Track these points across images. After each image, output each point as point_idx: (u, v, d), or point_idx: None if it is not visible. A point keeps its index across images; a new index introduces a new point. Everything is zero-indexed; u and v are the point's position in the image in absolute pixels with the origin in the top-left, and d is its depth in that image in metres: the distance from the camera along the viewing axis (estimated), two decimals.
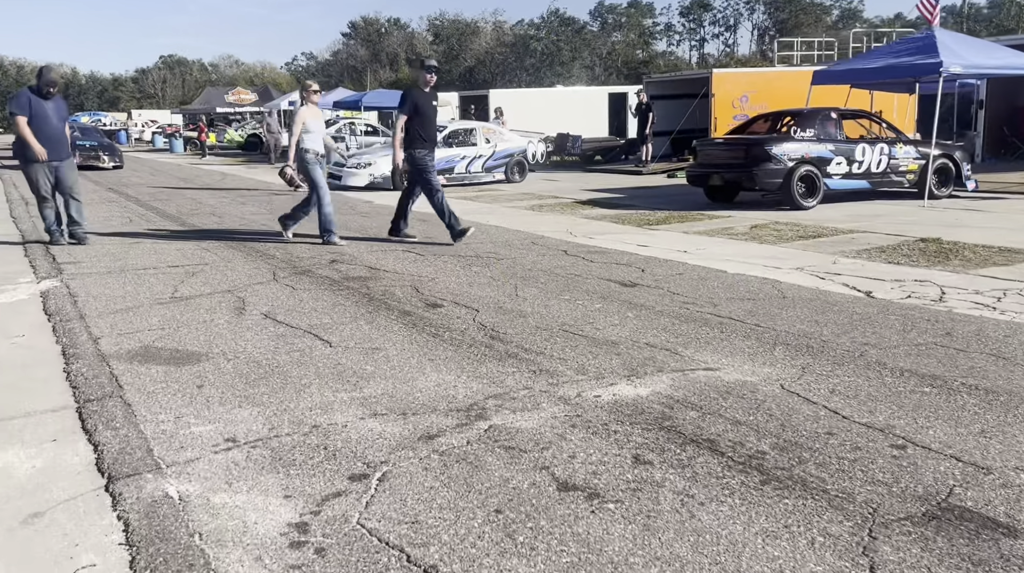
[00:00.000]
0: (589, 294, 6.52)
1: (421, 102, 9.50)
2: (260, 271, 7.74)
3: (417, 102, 9.46)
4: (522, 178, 19.26)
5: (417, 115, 9.40)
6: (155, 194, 16.49)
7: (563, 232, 10.60)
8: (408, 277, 7.35)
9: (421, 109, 9.46)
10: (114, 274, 7.65)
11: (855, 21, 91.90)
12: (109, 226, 11.35)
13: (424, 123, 9.51)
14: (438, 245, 9.35)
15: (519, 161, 19.36)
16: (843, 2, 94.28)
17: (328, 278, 7.36)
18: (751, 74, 22.81)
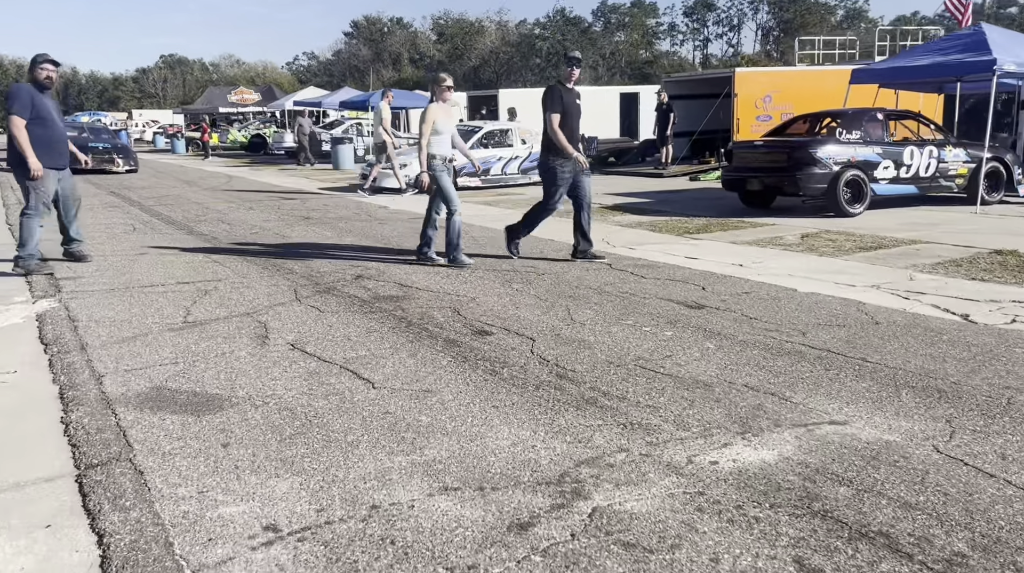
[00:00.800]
0: (653, 318, 5.79)
1: (567, 100, 8.07)
2: (279, 289, 7.01)
3: (563, 99, 8.05)
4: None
5: (563, 116, 8.05)
6: (159, 198, 15.76)
7: (599, 242, 9.84)
8: (445, 297, 6.62)
9: (567, 108, 8.06)
10: (118, 292, 6.92)
11: (860, 21, 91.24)
12: (112, 235, 10.62)
13: (568, 125, 8.12)
14: (471, 258, 8.62)
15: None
16: (848, 2, 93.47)
17: (356, 298, 6.63)
18: (775, 73, 22.08)
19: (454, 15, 74.78)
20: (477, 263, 8.23)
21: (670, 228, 10.95)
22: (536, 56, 62.74)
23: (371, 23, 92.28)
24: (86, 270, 8.01)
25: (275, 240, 10.03)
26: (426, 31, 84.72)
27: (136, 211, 13.57)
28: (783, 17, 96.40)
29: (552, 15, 66.76)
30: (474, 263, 8.13)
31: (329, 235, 10.53)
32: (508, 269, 7.88)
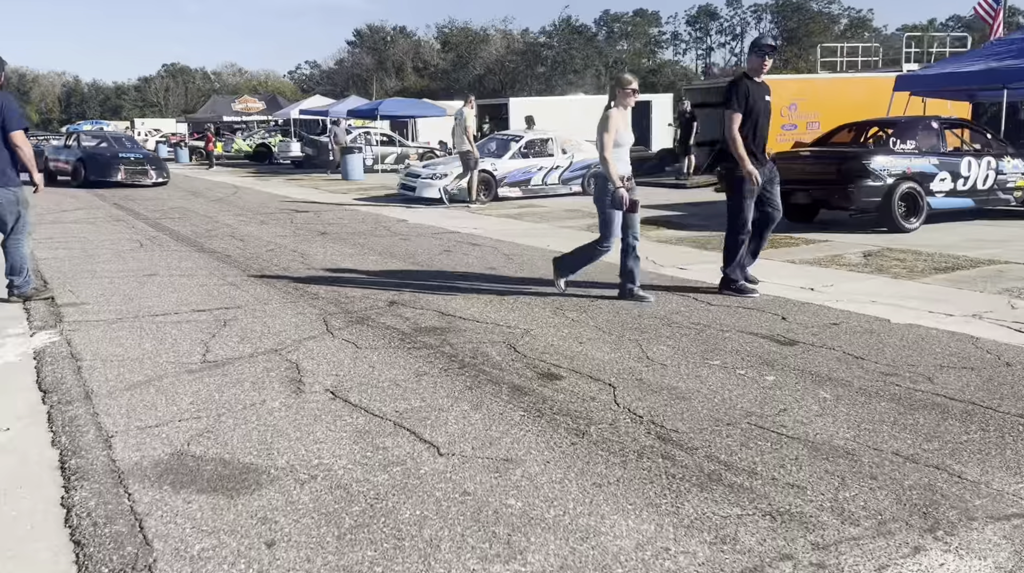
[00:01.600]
0: (743, 357, 5.03)
1: (754, 96, 6.81)
2: (307, 318, 6.26)
3: (750, 95, 6.79)
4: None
5: (749, 116, 6.80)
6: (165, 211, 15.02)
7: (644, 260, 9.11)
8: (494, 329, 5.86)
9: (753, 107, 6.80)
10: (127, 322, 6.16)
11: (863, 30, 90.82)
12: (118, 253, 9.87)
13: (755, 126, 6.85)
14: (510, 281, 7.87)
15: (596, 172, 17.99)
16: (852, 11, 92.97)
17: (395, 329, 5.87)
18: (800, 81, 21.39)
19: (459, 23, 74.27)
20: (518, 286, 7.48)
21: (715, 245, 10.18)
22: (541, 65, 62.12)
23: (374, 32, 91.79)
24: (91, 294, 7.26)
25: (293, 259, 9.28)
26: (430, 39, 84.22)
27: (142, 225, 12.83)
28: (786, 26, 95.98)
29: (558, 24, 66.14)
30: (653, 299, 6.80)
31: (350, 253, 9.79)
32: (556, 294, 7.13)
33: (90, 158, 21.78)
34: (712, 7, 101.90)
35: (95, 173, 21.18)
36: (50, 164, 23.08)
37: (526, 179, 17.17)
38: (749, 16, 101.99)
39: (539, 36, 68.00)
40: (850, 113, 21.38)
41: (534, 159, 17.40)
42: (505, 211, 14.79)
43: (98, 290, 7.46)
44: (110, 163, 21.41)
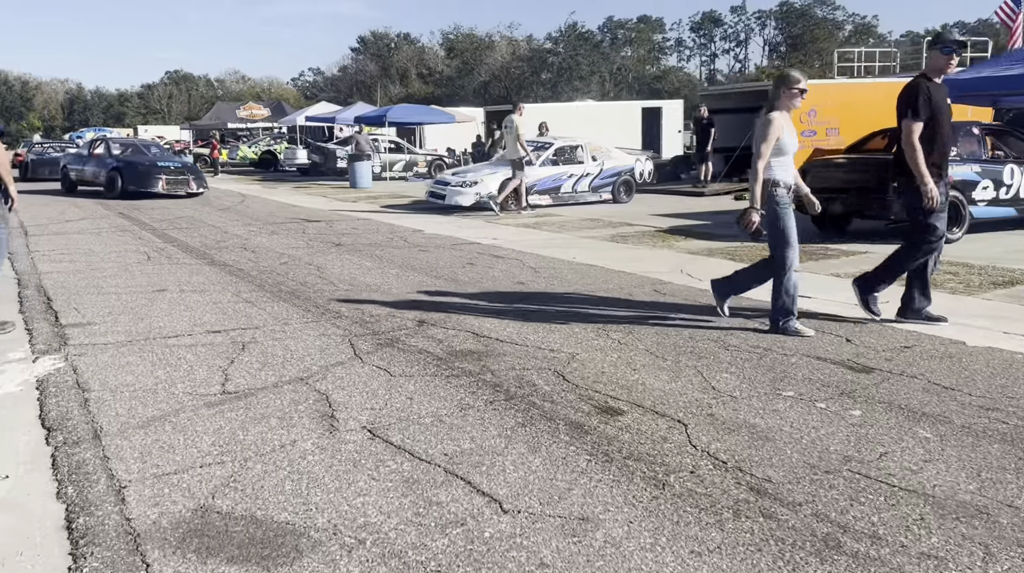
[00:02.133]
0: (817, 387, 4.56)
1: (937, 100, 5.90)
2: (331, 341, 5.79)
3: (932, 99, 5.87)
4: (629, 198, 17.79)
5: (931, 122, 5.88)
6: (172, 221, 14.58)
7: (676, 273, 8.67)
8: (536, 352, 5.39)
9: (936, 112, 5.89)
10: (137, 345, 5.69)
11: (868, 36, 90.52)
12: (125, 266, 9.41)
13: (938, 135, 5.94)
14: (542, 297, 7.40)
15: (626, 180, 17.96)
16: (856, 17, 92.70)
17: (428, 353, 5.40)
18: (819, 86, 20.87)
19: (464, 30, 73.96)
20: (548, 302, 7.01)
21: (750, 256, 9.71)
22: (547, 71, 61.76)
23: (378, 38, 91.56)
24: (97, 311, 6.80)
25: (309, 273, 8.82)
26: (434, 46, 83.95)
27: (148, 236, 12.38)
28: (790, 32, 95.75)
29: (564, 30, 65.78)
30: (813, 335, 5.86)
31: (369, 265, 9.33)
32: (593, 313, 6.66)
33: (128, 167, 19.94)
34: (716, 13, 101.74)
35: (134, 183, 19.52)
36: (71, 174, 21.66)
37: (556, 187, 16.82)
38: (753, 22, 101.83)
39: (544, 42, 67.68)
40: (869, 119, 20.89)
41: (564, 166, 17.05)
42: (523, 220, 14.34)
43: (105, 308, 7.00)
44: (150, 173, 19.74)
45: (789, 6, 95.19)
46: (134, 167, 20.04)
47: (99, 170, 20.47)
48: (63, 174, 22.19)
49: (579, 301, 7.14)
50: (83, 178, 21.25)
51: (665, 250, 10.52)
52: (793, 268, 6.04)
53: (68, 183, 21.84)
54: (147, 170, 19.87)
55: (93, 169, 20.83)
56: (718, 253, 10.04)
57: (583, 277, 8.45)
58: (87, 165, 21.26)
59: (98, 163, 20.75)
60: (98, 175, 20.45)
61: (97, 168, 20.64)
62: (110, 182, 19.84)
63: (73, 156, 23.02)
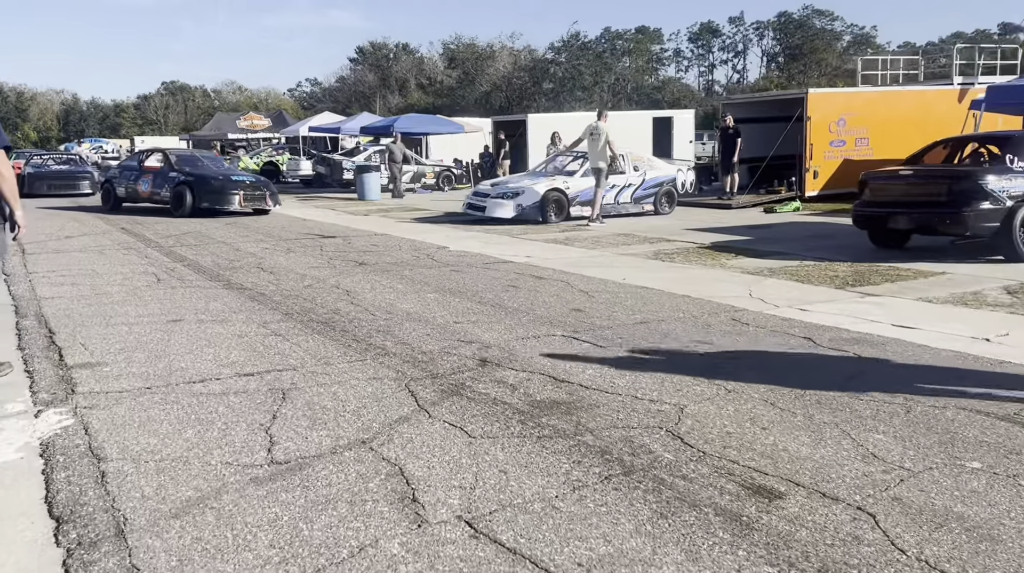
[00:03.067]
0: (1002, 454, 3.72)
1: None
2: (384, 385, 4.93)
3: None
4: (671, 210, 17.15)
5: None
6: (178, 237, 13.70)
7: (746, 297, 7.83)
8: (634, 403, 4.54)
9: None
10: (158, 394, 4.82)
11: (867, 47, 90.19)
12: (133, 290, 8.54)
13: None
14: (609, 328, 6.53)
15: (668, 191, 17.31)
16: (855, 28, 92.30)
17: (505, 405, 4.54)
18: (849, 95, 20.19)
19: (465, 40, 73.28)
20: (628, 338, 6.15)
21: (817, 277, 8.89)
22: (549, 81, 61.07)
23: (376, 49, 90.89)
24: (107, 348, 5.93)
25: (338, 298, 7.96)
26: (433, 56, 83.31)
27: (155, 254, 11.50)
28: (788, 43, 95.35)
29: (567, 39, 65.14)
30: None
31: (402, 289, 8.47)
32: (675, 348, 5.80)
33: (200, 182, 17.40)
34: (714, 24, 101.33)
35: (208, 200, 17.16)
36: (117, 189, 19.05)
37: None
38: (751, 33, 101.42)
39: (547, 52, 67.03)
40: (900, 128, 20.18)
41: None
42: (551, 235, 13.50)
43: (116, 342, 6.12)
44: (224, 188, 17.39)
45: (787, 17, 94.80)
46: (206, 182, 17.52)
47: (159, 185, 17.88)
48: (105, 190, 19.75)
49: (653, 333, 6.29)
50: (135, 195, 18.63)
51: (718, 270, 9.69)
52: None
53: (113, 200, 19.25)
54: (222, 185, 17.54)
55: (150, 184, 18.20)
56: (779, 273, 9.20)
57: (644, 302, 7.61)
58: (140, 180, 18.52)
59: (158, 178, 18.09)
60: (158, 191, 17.92)
61: (156, 183, 18.03)
62: (177, 199, 17.31)
63: (119, 170, 20.28)
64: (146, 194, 18.32)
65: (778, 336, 6.18)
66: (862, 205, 10.77)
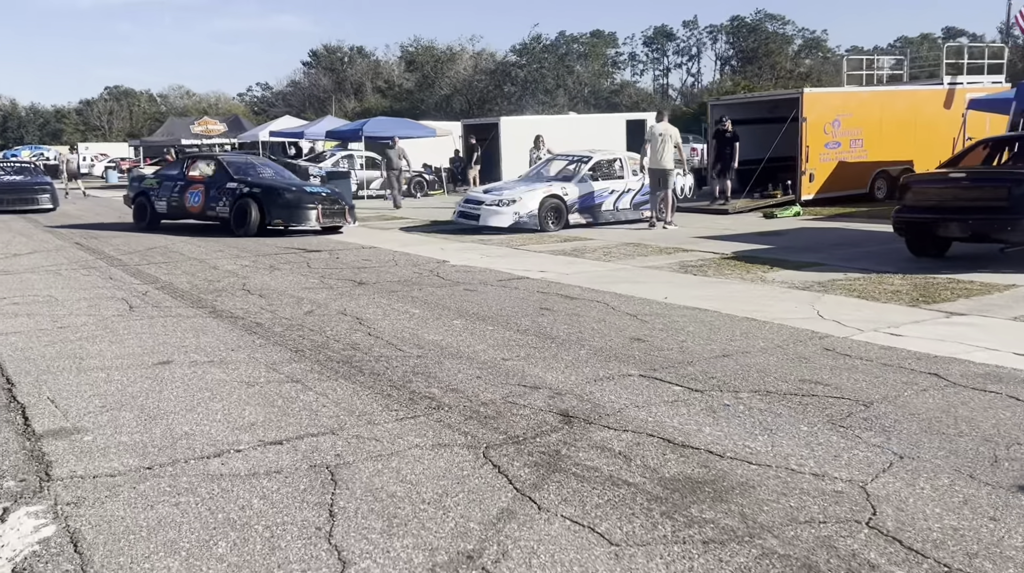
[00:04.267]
0: None
1: None
2: (459, 457, 3.84)
3: None
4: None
5: None
6: (143, 252, 12.35)
7: (814, 318, 6.90)
8: (796, 480, 3.52)
9: None
10: (164, 478, 3.66)
11: (818, 50, 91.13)
12: (103, 321, 7.27)
13: None
14: (688, 363, 5.51)
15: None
16: (806, 31, 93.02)
17: (631, 485, 3.48)
18: (844, 95, 19.50)
19: (424, 42, 71.82)
20: (724, 378, 5.13)
21: (876, 292, 7.99)
22: (511, 84, 59.97)
23: (331, 52, 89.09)
24: (86, 407, 4.72)
25: (350, 327, 6.81)
26: (390, 59, 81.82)
27: (120, 274, 10.17)
28: (742, 47, 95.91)
29: (528, 42, 64.10)
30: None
31: (418, 314, 7.36)
32: (794, 389, 4.80)
33: (270, 195, 14.33)
34: (668, 28, 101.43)
35: (281, 216, 14.19)
36: (156, 204, 15.90)
37: (597, 204, 15.18)
38: (705, 36, 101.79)
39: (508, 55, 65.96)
40: (893, 129, 19.62)
41: (604, 182, 15.35)
42: (554, 246, 12.48)
43: (94, 397, 4.91)
44: (300, 202, 14.34)
45: (740, 20, 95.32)
46: (276, 194, 14.41)
47: (215, 199, 14.88)
48: (138, 205, 16.39)
49: (746, 371, 5.28)
50: (180, 210, 15.60)
51: (762, 285, 8.74)
52: None
53: (149, 216, 16.07)
54: (296, 198, 14.44)
55: (201, 198, 15.14)
56: (832, 288, 8.28)
57: (709, 328, 6.60)
58: (188, 192, 15.39)
59: (212, 189, 15.06)
60: (212, 206, 14.93)
61: (211, 197, 14.97)
62: (240, 214, 14.28)
63: (156, 180, 16.64)
64: (196, 209, 15.22)
65: (896, 371, 5.21)
66: (905, 211, 9.92)
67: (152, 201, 16.01)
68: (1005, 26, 28.59)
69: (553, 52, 64.15)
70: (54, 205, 21.83)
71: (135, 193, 16.70)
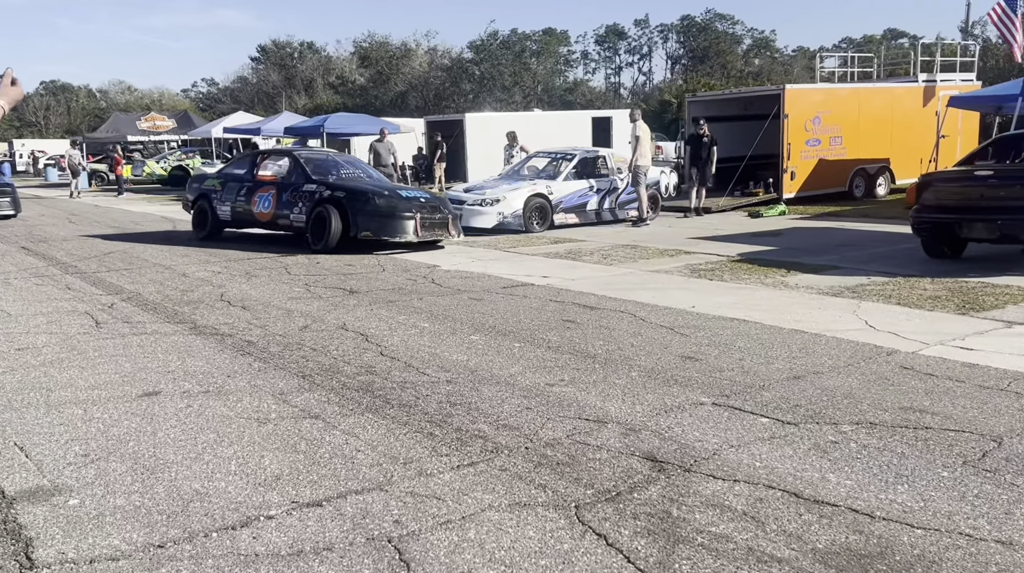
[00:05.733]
0: None
1: None
2: (549, 523, 3.11)
3: None
4: (656, 215, 15.48)
5: None
6: (100, 257, 11.30)
7: (866, 329, 6.34)
8: (973, 546, 2.87)
9: None
10: (183, 566, 2.85)
11: (767, 50, 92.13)
12: (67, 339, 6.34)
13: None
14: (759, 387, 4.85)
15: (653, 195, 15.61)
16: (755, 31, 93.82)
17: (781, 563, 2.79)
18: (825, 92, 19.12)
19: (378, 38, 70.37)
20: (810, 407, 4.48)
21: (913, 298, 7.46)
22: (468, 81, 59.11)
23: (280, 47, 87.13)
24: (63, 455, 3.86)
25: (359, 346, 6.01)
26: (342, 55, 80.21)
27: (78, 282, 9.17)
28: (692, 46, 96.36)
29: (485, 39, 63.26)
30: None
31: (429, 328, 6.59)
32: (895, 419, 4.17)
33: (357, 200, 11.43)
34: (620, 27, 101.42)
35: (372, 227, 11.28)
36: (218, 208, 13.16)
37: (582, 203, 14.54)
38: (656, 35, 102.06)
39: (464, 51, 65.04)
40: (871, 126, 19.35)
41: (589, 180, 14.71)
42: (546, 248, 11.79)
43: (72, 443, 4.05)
44: (396, 209, 11.44)
45: (690, 20, 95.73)
46: (365, 199, 11.44)
47: (288, 204, 12.12)
48: (199, 209, 13.61)
49: (831, 397, 4.64)
50: (247, 216, 12.87)
51: (787, 290, 8.15)
52: None
53: (211, 224, 13.32)
54: (390, 204, 11.51)
55: (271, 202, 12.36)
56: (865, 295, 7.73)
57: (758, 342, 5.96)
58: (255, 194, 12.63)
59: (285, 192, 12.26)
60: (285, 213, 12.17)
61: (284, 201, 12.20)
62: (319, 224, 11.51)
63: (219, 180, 13.77)
64: (265, 215, 12.51)
65: (1001, 395, 4.62)
66: (924, 210, 9.44)
67: (214, 205, 13.21)
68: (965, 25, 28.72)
69: (510, 49, 63.36)
70: (14, 210, 18.35)
71: (195, 195, 13.82)
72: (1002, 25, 20.46)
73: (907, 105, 20.01)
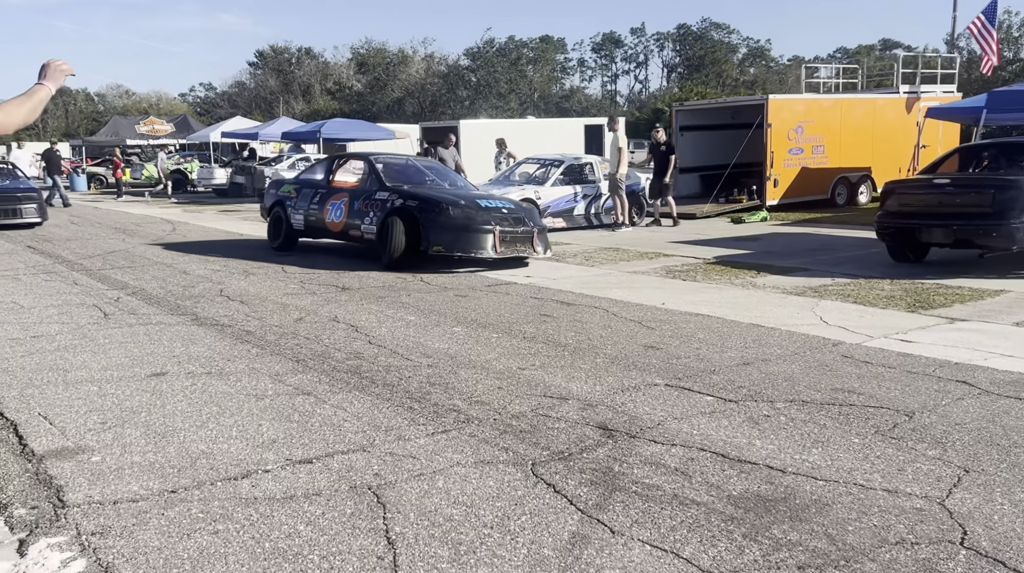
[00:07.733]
0: None
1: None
2: (508, 476, 3.63)
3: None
4: (641, 219, 15.98)
5: None
6: (103, 256, 11.80)
7: (819, 324, 6.84)
8: (865, 495, 3.40)
9: None
10: (193, 503, 3.36)
11: (762, 59, 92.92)
12: (78, 329, 6.84)
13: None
14: (695, 368, 5.37)
15: (638, 200, 16.12)
16: (751, 41, 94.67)
17: (700, 505, 3.32)
18: (808, 102, 19.70)
19: (375, 44, 71.11)
20: (755, 389, 5.00)
21: (871, 297, 7.97)
22: (464, 88, 59.81)
23: (278, 53, 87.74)
24: (85, 424, 4.36)
25: (348, 336, 6.52)
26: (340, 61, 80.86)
27: (86, 280, 9.67)
28: (687, 54, 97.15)
29: (481, 46, 64.01)
30: None
31: (415, 320, 7.10)
32: (843, 402, 4.69)
33: (430, 210, 10.27)
34: (616, 35, 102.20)
35: (445, 241, 10.07)
36: (292, 217, 12.22)
37: (569, 209, 15.06)
38: (652, 44, 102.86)
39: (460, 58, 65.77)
40: (853, 136, 19.93)
41: (576, 186, 15.25)
42: None
43: (91, 412, 4.55)
44: (473, 221, 10.23)
45: (686, 29, 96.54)
46: (438, 209, 10.26)
47: (360, 214, 11.02)
48: (274, 217, 12.71)
49: (772, 379, 5.16)
50: (319, 226, 11.86)
51: (755, 290, 8.67)
52: None
53: (285, 234, 12.43)
54: (466, 215, 10.29)
55: (343, 211, 11.33)
56: (827, 294, 8.25)
57: (719, 336, 6.48)
58: (328, 202, 11.69)
59: (357, 200, 11.20)
60: (357, 223, 11.06)
61: (356, 210, 11.12)
62: (385, 231, 10.46)
63: (295, 186, 12.79)
64: (337, 226, 11.49)
65: (924, 379, 5.14)
66: (887, 216, 9.98)
67: (288, 214, 12.30)
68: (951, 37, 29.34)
69: (506, 56, 64.04)
70: (41, 218, 16.76)
71: (272, 202, 12.89)
72: (980, 38, 21.05)
73: (889, 115, 20.57)
